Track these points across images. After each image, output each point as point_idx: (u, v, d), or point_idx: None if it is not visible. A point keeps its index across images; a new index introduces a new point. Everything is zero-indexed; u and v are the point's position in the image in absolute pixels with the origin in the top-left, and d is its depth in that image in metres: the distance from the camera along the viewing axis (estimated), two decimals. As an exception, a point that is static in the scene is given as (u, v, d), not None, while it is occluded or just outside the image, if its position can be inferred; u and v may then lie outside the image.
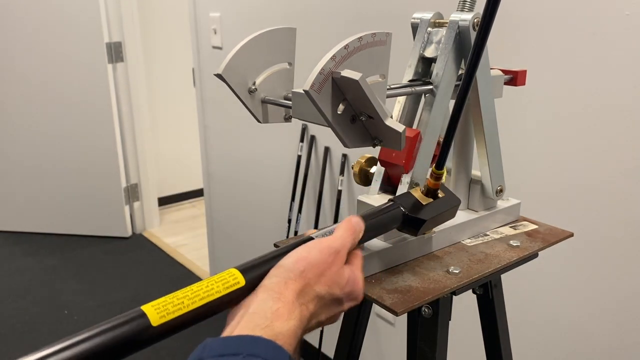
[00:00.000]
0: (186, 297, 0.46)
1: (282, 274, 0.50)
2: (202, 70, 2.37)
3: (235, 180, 2.37)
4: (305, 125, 1.90)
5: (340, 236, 0.55)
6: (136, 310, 0.44)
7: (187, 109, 3.62)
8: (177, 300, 0.45)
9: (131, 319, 0.43)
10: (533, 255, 0.74)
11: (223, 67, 0.69)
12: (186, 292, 0.46)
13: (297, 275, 0.50)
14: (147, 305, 0.44)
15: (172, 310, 0.45)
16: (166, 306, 0.45)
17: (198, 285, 0.47)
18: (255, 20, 2.00)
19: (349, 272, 0.55)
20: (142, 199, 3.41)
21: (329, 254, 0.53)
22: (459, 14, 0.68)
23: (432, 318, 0.69)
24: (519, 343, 1.35)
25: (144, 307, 0.44)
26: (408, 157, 0.67)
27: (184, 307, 0.45)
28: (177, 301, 0.45)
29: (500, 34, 1.22)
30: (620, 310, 1.16)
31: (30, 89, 3.09)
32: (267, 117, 0.75)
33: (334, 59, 0.56)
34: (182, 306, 0.45)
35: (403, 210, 0.62)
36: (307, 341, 2.12)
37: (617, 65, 1.06)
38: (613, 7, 1.04)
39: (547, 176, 1.23)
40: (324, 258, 0.53)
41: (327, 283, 0.52)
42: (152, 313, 0.44)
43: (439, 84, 0.69)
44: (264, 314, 0.47)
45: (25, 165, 3.25)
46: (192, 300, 0.46)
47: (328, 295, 0.52)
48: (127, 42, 3.08)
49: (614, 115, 1.09)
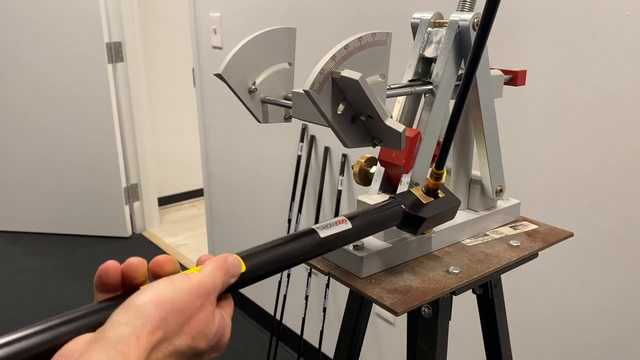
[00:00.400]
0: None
1: (134, 322, 0.38)
2: (202, 70, 2.37)
3: (235, 180, 2.37)
4: (305, 125, 1.90)
5: (210, 274, 0.45)
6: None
7: (187, 109, 3.62)
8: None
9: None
10: (533, 255, 0.74)
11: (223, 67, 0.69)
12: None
13: (155, 325, 0.39)
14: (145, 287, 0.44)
15: None
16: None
17: (196, 269, 0.47)
18: (255, 20, 2.00)
19: (219, 319, 0.45)
20: (142, 199, 3.41)
21: (198, 296, 0.42)
22: (459, 14, 0.68)
23: (432, 318, 0.69)
24: (519, 343, 1.35)
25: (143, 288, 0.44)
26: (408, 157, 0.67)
27: None
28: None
29: (500, 34, 1.22)
30: (620, 310, 1.16)
31: (30, 88, 3.09)
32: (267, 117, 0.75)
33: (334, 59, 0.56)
34: None
35: (404, 207, 0.62)
36: (307, 341, 2.12)
37: (617, 65, 1.06)
38: (613, 7, 1.04)
39: (547, 176, 1.23)
40: (192, 300, 0.42)
41: (191, 334, 0.41)
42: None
43: (439, 84, 0.69)
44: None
45: (26, 165, 3.25)
46: None
47: (189, 350, 0.42)
48: (127, 42, 3.08)
49: (614, 115, 1.09)
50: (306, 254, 0.55)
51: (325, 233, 0.56)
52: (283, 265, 0.53)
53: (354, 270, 0.66)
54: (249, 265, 0.49)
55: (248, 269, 0.49)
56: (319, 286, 2.00)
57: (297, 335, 2.14)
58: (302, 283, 2.02)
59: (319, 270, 0.68)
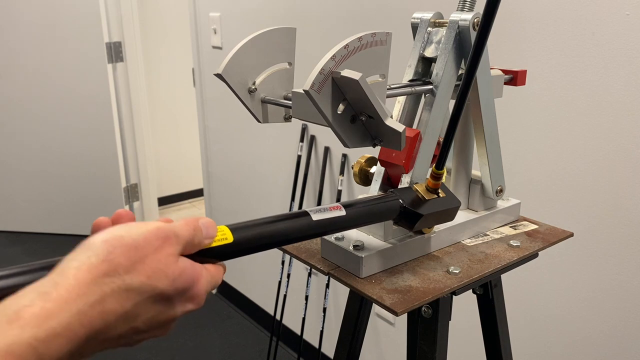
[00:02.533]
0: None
1: (80, 257, 0.38)
2: (202, 70, 2.37)
3: (235, 180, 2.37)
4: (305, 125, 1.90)
5: (173, 225, 0.44)
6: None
7: (187, 109, 3.62)
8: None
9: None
10: (533, 255, 0.74)
11: (223, 67, 0.69)
12: None
13: (100, 258, 0.38)
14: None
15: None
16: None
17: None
18: (255, 20, 2.00)
19: (188, 266, 0.43)
20: (142, 199, 3.41)
21: (155, 237, 0.41)
22: (459, 14, 0.68)
23: (432, 318, 0.69)
24: (519, 343, 1.35)
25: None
26: (408, 157, 0.67)
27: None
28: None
29: (500, 34, 1.22)
30: (620, 310, 1.16)
31: (30, 88, 3.09)
32: (267, 117, 0.75)
33: (333, 58, 0.56)
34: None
35: (402, 202, 0.62)
36: (307, 341, 2.12)
37: (617, 65, 1.06)
38: (613, 7, 1.04)
39: (547, 176, 1.23)
40: (147, 240, 0.40)
41: (146, 272, 0.39)
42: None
43: (439, 84, 0.68)
44: (9, 307, 0.34)
45: (25, 165, 3.25)
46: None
47: (148, 289, 0.39)
48: (127, 42, 3.08)
49: (614, 115, 1.09)
50: (296, 233, 0.55)
51: (318, 217, 0.56)
52: (272, 241, 0.53)
53: (354, 270, 0.66)
54: (237, 237, 0.49)
55: (235, 240, 0.49)
56: (319, 286, 2.00)
57: (297, 335, 2.14)
58: (302, 283, 2.02)
59: (319, 270, 0.68)
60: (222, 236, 0.49)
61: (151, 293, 0.39)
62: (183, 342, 2.38)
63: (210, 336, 2.40)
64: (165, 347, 2.32)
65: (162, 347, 2.33)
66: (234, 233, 0.49)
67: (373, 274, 0.67)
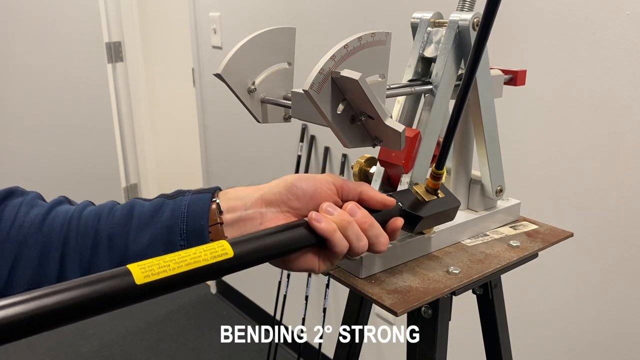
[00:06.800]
0: (173, 261, 0.46)
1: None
2: (202, 70, 2.37)
3: (235, 180, 2.37)
4: (305, 125, 1.90)
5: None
6: (122, 268, 0.44)
7: (187, 109, 3.62)
8: (164, 263, 0.45)
9: (116, 275, 0.43)
10: (533, 255, 0.74)
11: (222, 67, 0.69)
12: (174, 256, 0.46)
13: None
14: (134, 265, 0.44)
15: (157, 272, 0.45)
16: (152, 267, 0.45)
17: (186, 252, 0.47)
18: (255, 20, 2.00)
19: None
20: (142, 199, 3.41)
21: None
22: (459, 14, 0.68)
23: (432, 318, 0.69)
24: (519, 343, 1.35)
25: (130, 266, 0.44)
26: (408, 157, 0.67)
27: (169, 270, 0.45)
28: (164, 264, 0.45)
29: (500, 34, 1.22)
30: (620, 309, 1.16)
31: (29, 88, 3.09)
32: (267, 117, 0.75)
33: (333, 58, 0.55)
34: (167, 269, 0.45)
35: (401, 205, 0.62)
36: (307, 341, 2.12)
37: (617, 65, 1.06)
38: (613, 7, 1.04)
39: (547, 176, 1.22)
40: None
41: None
42: (138, 272, 0.44)
43: (439, 84, 0.68)
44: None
45: (25, 165, 3.25)
46: (179, 264, 0.46)
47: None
48: (126, 42, 3.08)
49: (614, 115, 1.09)
50: (297, 243, 0.55)
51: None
52: (273, 253, 0.53)
53: (353, 270, 0.66)
54: (237, 251, 0.49)
55: (236, 255, 0.49)
56: (319, 286, 2.00)
57: (298, 335, 2.14)
58: (302, 283, 2.02)
59: (319, 270, 0.68)
60: (221, 251, 0.48)
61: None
62: (183, 342, 2.37)
63: (210, 336, 2.40)
64: (165, 347, 2.32)
65: (162, 347, 2.33)
66: (234, 247, 0.49)
67: (373, 274, 0.67)
